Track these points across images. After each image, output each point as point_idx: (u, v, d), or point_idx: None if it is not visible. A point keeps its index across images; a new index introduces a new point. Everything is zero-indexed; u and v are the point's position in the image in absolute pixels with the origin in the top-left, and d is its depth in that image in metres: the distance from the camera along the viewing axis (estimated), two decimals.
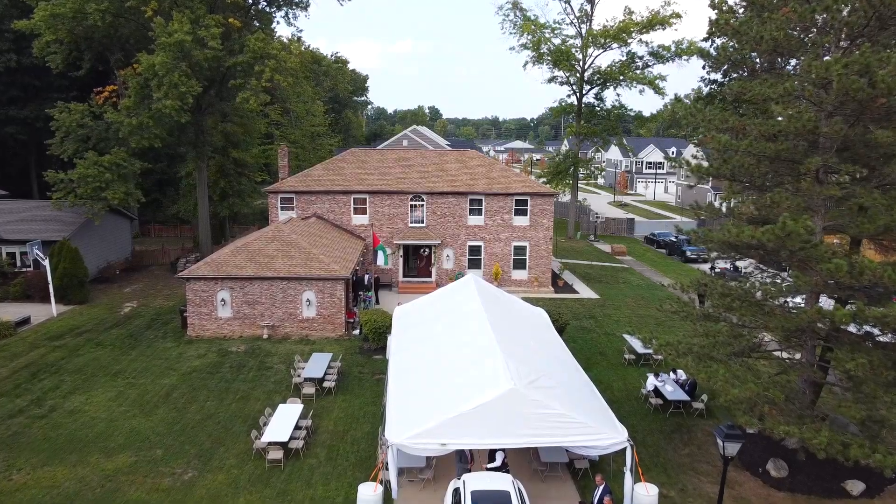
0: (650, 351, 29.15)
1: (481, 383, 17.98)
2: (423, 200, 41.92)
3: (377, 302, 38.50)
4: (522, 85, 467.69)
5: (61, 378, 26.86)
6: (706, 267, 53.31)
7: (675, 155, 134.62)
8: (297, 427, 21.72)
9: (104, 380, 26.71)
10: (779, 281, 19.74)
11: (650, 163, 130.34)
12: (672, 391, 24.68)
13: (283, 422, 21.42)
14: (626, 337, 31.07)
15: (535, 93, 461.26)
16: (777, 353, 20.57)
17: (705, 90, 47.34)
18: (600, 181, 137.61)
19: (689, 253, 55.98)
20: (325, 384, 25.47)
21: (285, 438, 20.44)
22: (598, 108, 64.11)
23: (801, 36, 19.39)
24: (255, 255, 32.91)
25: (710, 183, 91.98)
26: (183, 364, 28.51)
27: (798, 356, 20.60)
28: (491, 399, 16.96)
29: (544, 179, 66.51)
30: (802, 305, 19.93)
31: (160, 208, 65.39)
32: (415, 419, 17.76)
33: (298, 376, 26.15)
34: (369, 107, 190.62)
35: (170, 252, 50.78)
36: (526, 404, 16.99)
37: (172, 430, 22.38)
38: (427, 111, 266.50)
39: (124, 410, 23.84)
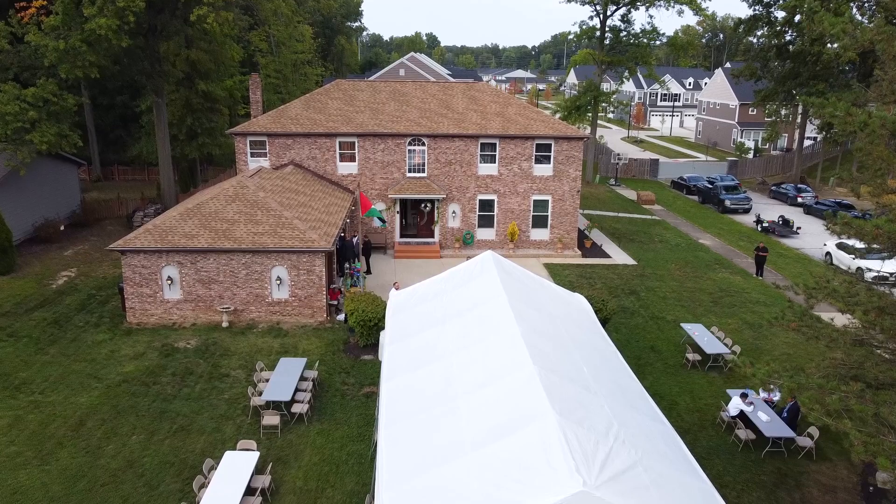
0: (723, 351, 22.44)
1: (527, 467, 11.27)
2: (423, 144, 34.45)
3: (368, 271, 31.59)
4: (523, 11, 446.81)
5: None
6: (750, 220, 46.30)
7: (691, 86, 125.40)
8: (248, 490, 15.14)
9: (0, 396, 20.01)
10: None
11: (665, 94, 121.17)
12: (768, 422, 18.02)
13: (227, 485, 14.82)
14: (687, 328, 24.24)
15: (536, 19, 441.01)
16: None
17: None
18: (610, 115, 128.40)
19: (728, 202, 48.72)
20: (296, 408, 18.77)
21: None
22: (625, 32, 55.50)
23: None
24: (210, 220, 25.76)
25: (735, 118, 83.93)
26: (112, 369, 21.75)
27: None
28: None
29: (560, 115, 58.54)
30: None
31: (124, 148, 57.58)
32: None
33: (259, 394, 19.47)
34: (364, 34, 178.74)
35: (127, 203, 43.45)
36: None
37: (74, 490, 15.77)
38: (424, 38, 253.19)
39: (13, 453, 17.16)
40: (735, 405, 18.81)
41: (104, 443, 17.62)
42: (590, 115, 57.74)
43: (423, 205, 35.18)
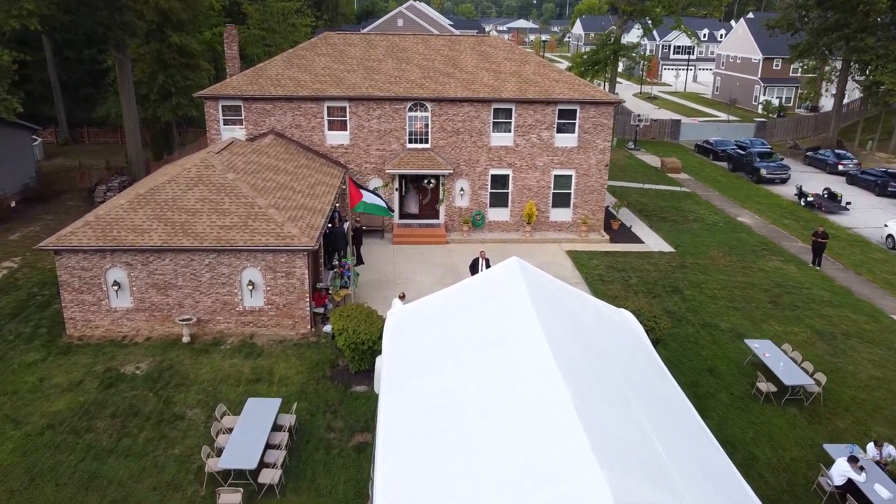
0: (805, 382, 17.98)
1: None
2: (426, 110, 29.37)
3: (360, 261, 26.90)
4: None
5: None
6: (789, 192, 41.45)
7: (705, 38, 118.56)
8: None
9: None
10: None
11: (678, 47, 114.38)
12: (891, 501, 13.63)
13: None
14: (754, 347, 19.68)
15: None
16: None
17: None
18: (630, 70, 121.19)
19: (763, 171, 43.70)
20: (264, 477, 14.30)
21: None
22: None
23: None
24: (165, 210, 20.92)
25: (759, 73, 78.00)
26: (37, 407, 17.24)
27: None
28: None
29: (574, 71, 52.99)
30: None
31: (94, 107, 52.08)
32: None
33: (217, 454, 14.97)
34: None
35: (90, 173, 38.42)
36: None
37: None
38: None
39: None
40: (841, 471, 14.37)
41: None
42: (608, 71, 52.19)
43: (425, 181, 30.25)
